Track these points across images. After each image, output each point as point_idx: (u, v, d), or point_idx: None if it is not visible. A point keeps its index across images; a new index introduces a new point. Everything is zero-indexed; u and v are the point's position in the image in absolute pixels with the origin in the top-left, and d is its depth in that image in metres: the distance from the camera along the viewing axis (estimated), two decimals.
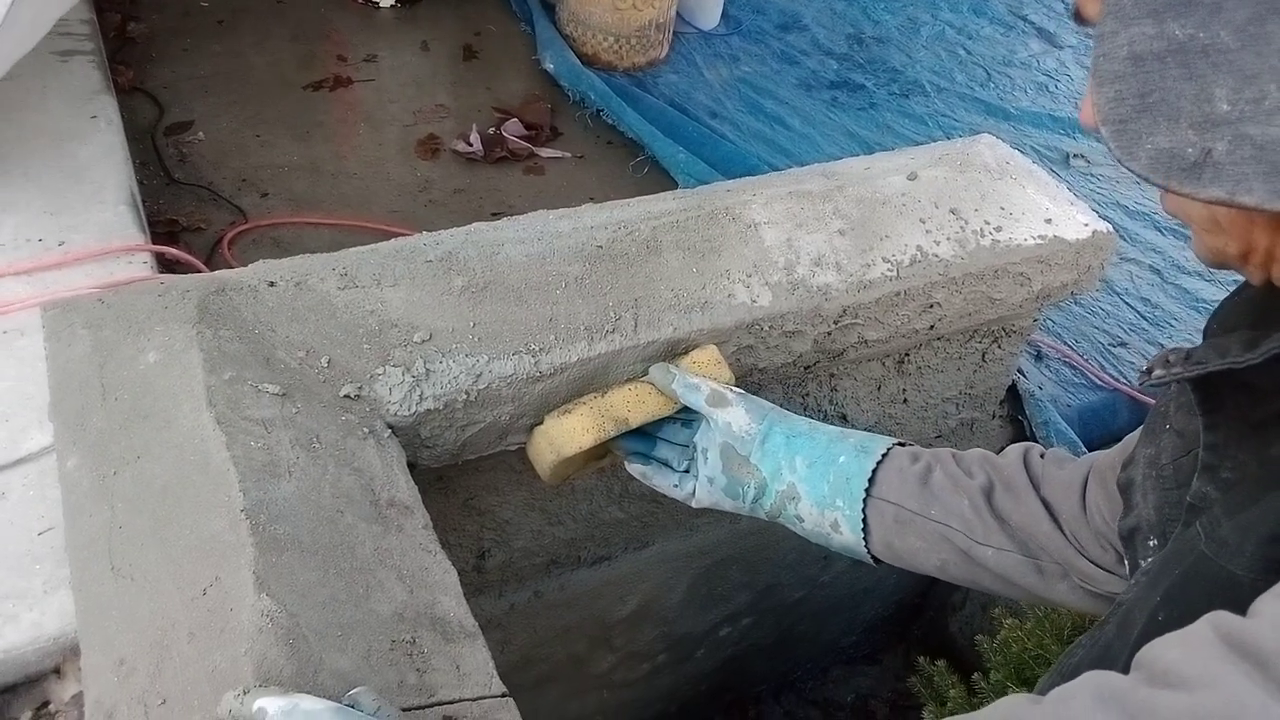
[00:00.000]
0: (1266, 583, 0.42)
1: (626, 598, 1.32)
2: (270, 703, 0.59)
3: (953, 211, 1.19)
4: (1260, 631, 0.37)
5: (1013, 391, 1.48)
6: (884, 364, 1.28)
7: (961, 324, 1.22)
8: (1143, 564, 0.62)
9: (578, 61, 2.17)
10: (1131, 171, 0.43)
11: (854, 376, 1.27)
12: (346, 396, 0.89)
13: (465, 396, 0.93)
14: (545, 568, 1.23)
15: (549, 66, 2.17)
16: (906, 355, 1.29)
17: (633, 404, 0.98)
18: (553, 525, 1.18)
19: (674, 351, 1.02)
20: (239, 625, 0.68)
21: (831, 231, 1.13)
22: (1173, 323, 1.75)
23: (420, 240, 1.03)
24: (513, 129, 2.00)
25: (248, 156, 1.88)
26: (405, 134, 2.01)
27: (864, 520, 0.86)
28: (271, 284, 0.94)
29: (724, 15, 2.51)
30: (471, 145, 1.95)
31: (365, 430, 0.87)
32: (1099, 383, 1.61)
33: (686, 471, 0.99)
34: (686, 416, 1.00)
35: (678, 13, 2.36)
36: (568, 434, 0.95)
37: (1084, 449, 1.47)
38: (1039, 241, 1.21)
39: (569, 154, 2.01)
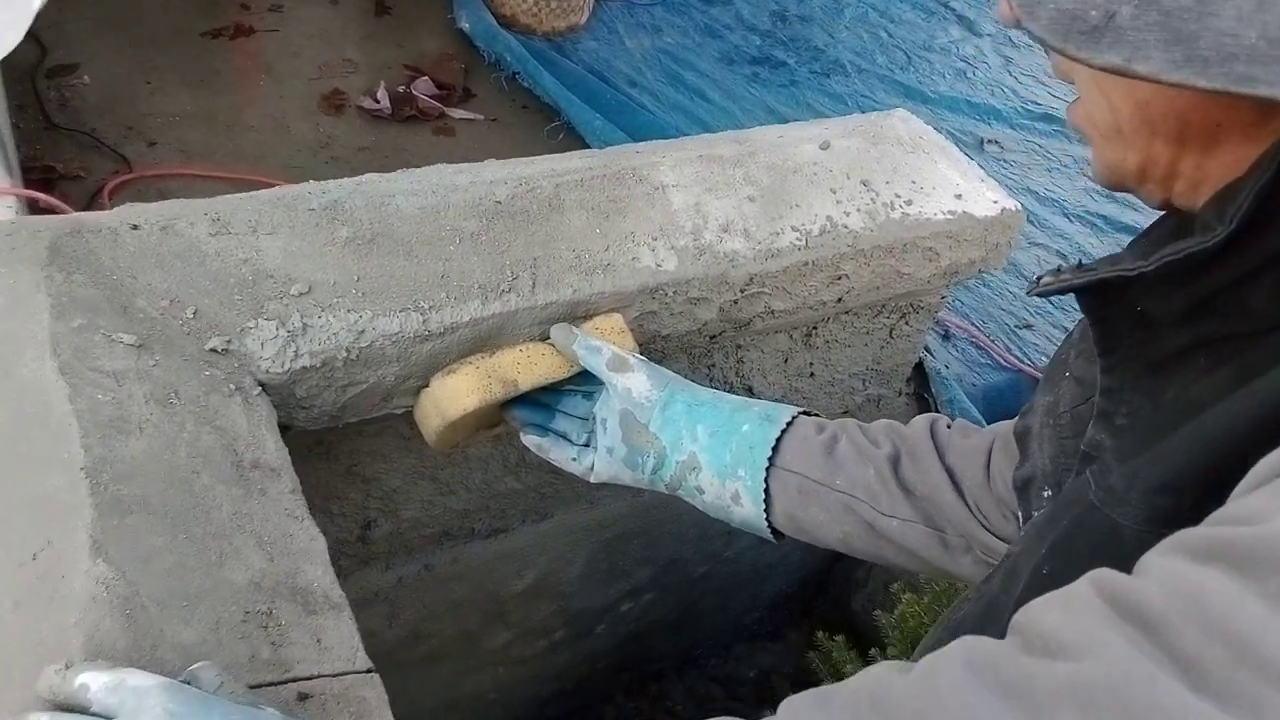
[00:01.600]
0: (1151, 534, 0.39)
1: (523, 571, 1.28)
2: (94, 678, 0.53)
3: (864, 183, 1.18)
4: (1146, 592, 0.33)
5: (919, 369, 1.48)
6: (791, 336, 1.26)
7: (870, 298, 1.21)
8: (1036, 515, 0.61)
9: (494, 22, 2.10)
10: (1029, 34, 0.40)
11: (761, 348, 1.24)
12: (213, 350, 0.83)
13: (346, 354, 0.87)
14: (436, 539, 1.18)
15: (464, 26, 2.10)
16: (814, 328, 1.27)
17: (523, 365, 0.93)
18: (444, 495, 1.13)
19: (574, 315, 0.98)
20: (70, 593, 0.61)
21: (741, 197, 1.10)
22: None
23: (305, 188, 0.97)
24: (423, 88, 1.92)
25: (136, 104, 1.77)
26: (309, 88, 1.92)
27: (766, 491, 0.83)
28: (135, 227, 0.86)
29: None
30: (379, 102, 1.87)
31: (232, 387, 0.81)
32: (1004, 363, 1.62)
33: (586, 445, 0.95)
34: (587, 388, 0.96)
35: None
36: (450, 395, 0.90)
37: None
38: (949, 217, 1.19)
39: (481, 116, 1.95)
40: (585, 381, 0.96)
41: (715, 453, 0.84)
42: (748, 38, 2.39)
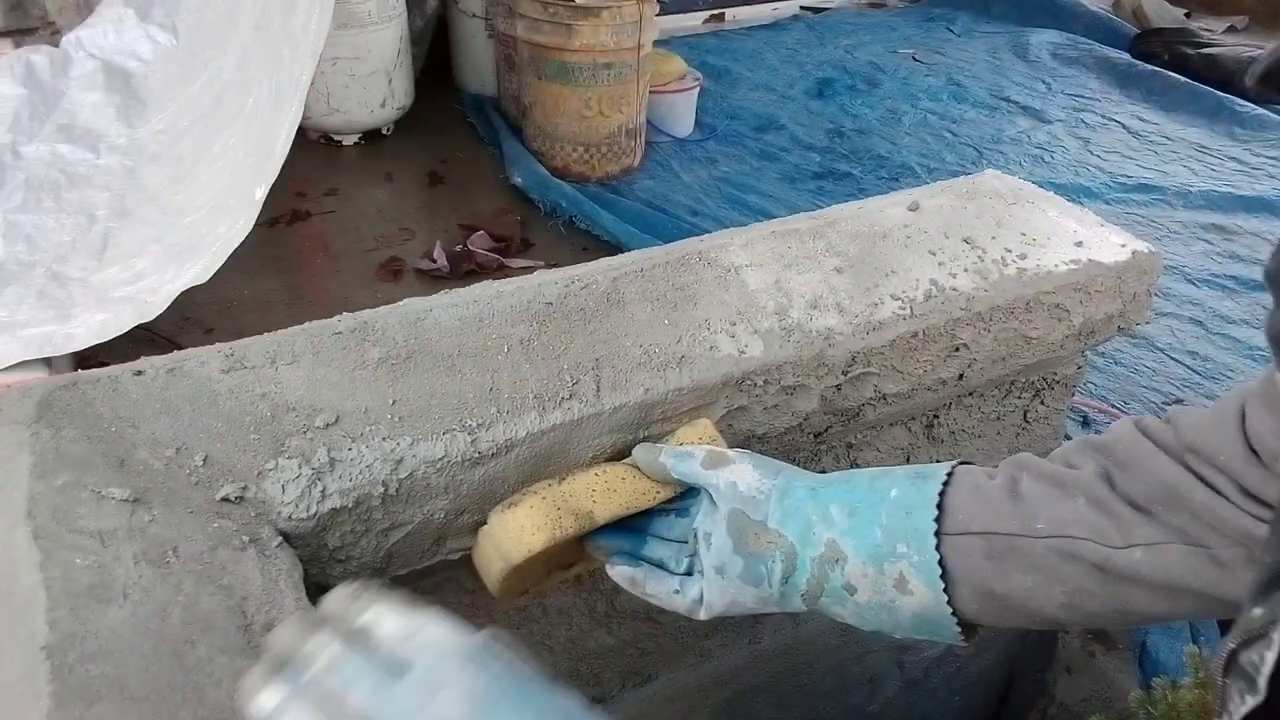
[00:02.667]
0: None
1: None
2: None
3: (966, 241, 1.02)
4: None
5: None
6: (909, 428, 1.07)
7: (996, 372, 1.03)
8: None
9: (548, 174, 2.07)
10: None
11: (876, 446, 1.06)
12: (225, 500, 0.69)
13: (383, 489, 0.73)
14: None
15: (517, 180, 2.07)
16: (936, 417, 1.09)
17: (599, 492, 0.77)
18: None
19: (649, 418, 0.83)
20: None
21: (827, 270, 0.96)
22: (1229, 374, 1.55)
23: (333, 319, 0.86)
24: (480, 242, 1.87)
25: (193, 294, 1.73)
26: (366, 259, 1.88)
27: (942, 566, 0.62)
28: (139, 373, 0.76)
29: (697, 123, 2.43)
30: (436, 261, 1.81)
31: (244, 539, 0.67)
32: None
33: (689, 574, 0.77)
34: (681, 504, 0.79)
35: (650, 121, 2.29)
36: (513, 533, 0.74)
37: None
38: (1072, 266, 1.03)
39: (541, 263, 1.87)
40: (679, 498, 0.79)
41: (861, 534, 0.65)
42: (806, 156, 2.31)
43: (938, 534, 0.62)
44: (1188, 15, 3.15)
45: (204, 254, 1.48)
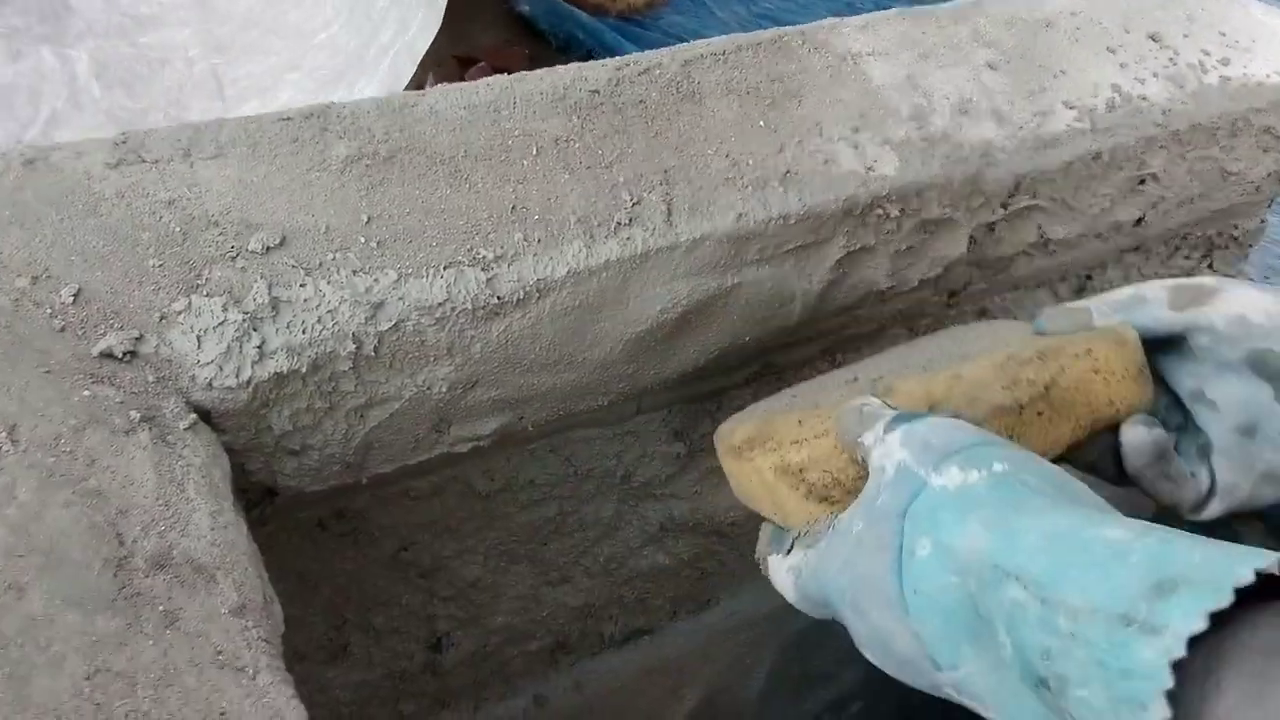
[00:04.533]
0: None
1: (682, 692, 0.85)
2: None
3: (1153, 38, 0.75)
4: None
5: None
6: (1057, 293, 0.83)
7: (1180, 218, 0.77)
8: None
9: (561, 1, 1.76)
10: None
11: (1014, 314, 0.81)
12: (107, 355, 0.44)
13: (355, 348, 0.49)
14: (547, 656, 0.76)
15: (524, 8, 1.76)
16: (1089, 279, 0.84)
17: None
18: (553, 585, 0.72)
19: (742, 256, 0.58)
20: None
21: (977, 64, 0.69)
22: None
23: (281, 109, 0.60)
24: (479, 76, 1.57)
25: None
26: None
27: None
28: None
29: None
30: None
31: (132, 416, 0.42)
32: None
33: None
34: None
35: None
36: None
37: None
38: None
39: None
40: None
41: None
42: None
43: None
44: None
45: (375, 70, 1.25)
